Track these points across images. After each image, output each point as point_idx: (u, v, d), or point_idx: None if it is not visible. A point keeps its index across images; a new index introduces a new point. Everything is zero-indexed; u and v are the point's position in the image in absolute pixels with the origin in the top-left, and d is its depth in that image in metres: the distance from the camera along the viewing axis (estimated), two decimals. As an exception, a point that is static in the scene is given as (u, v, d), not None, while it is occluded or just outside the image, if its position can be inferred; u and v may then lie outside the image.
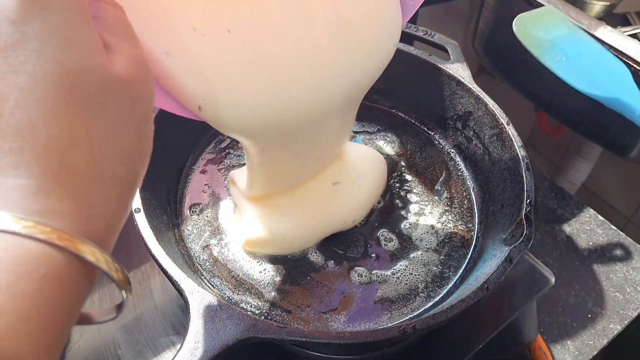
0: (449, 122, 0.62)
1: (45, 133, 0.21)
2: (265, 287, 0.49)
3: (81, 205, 0.22)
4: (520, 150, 0.51)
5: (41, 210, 0.20)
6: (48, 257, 0.20)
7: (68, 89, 0.22)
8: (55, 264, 0.20)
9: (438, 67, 0.59)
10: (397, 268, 0.51)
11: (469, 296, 0.41)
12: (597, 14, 0.82)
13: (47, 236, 0.20)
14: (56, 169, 0.21)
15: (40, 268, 0.20)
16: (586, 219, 0.72)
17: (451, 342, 0.53)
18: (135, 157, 0.25)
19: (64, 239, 0.20)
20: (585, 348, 0.60)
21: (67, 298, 0.21)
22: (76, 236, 0.21)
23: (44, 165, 0.21)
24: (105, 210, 0.23)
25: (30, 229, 0.20)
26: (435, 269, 0.52)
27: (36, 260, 0.20)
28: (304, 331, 0.39)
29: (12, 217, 0.20)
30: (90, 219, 0.22)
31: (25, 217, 0.20)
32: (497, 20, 0.84)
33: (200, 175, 0.59)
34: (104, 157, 0.23)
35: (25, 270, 0.19)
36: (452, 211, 0.56)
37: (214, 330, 0.38)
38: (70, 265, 0.21)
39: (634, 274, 0.66)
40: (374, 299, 0.49)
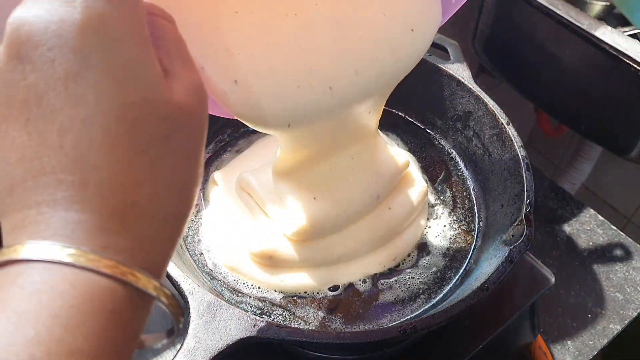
0: (449, 122, 0.62)
1: (109, 170, 0.20)
2: (265, 287, 0.49)
3: (142, 242, 0.21)
4: (520, 150, 0.51)
5: (104, 245, 0.20)
6: (113, 292, 0.20)
7: (131, 124, 0.21)
8: (119, 298, 0.20)
9: (438, 67, 0.59)
10: (397, 268, 0.51)
11: (469, 296, 0.41)
12: (597, 14, 0.82)
13: (112, 271, 0.20)
14: (120, 207, 0.21)
15: (106, 304, 0.19)
16: (586, 219, 0.72)
17: (451, 342, 0.53)
18: (193, 189, 0.24)
19: (128, 273, 0.20)
20: (585, 348, 0.60)
21: (130, 332, 0.21)
22: (139, 271, 0.21)
23: (107, 203, 0.20)
24: (164, 246, 0.23)
25: (94, 263, 0.19)
26: (436, 270, 0.52)
27: (103, 296, 0.19)
28: (304, 331, 0.39)
29: (77, 250, 0.19)
30: (150, 253, 0.22)
31: (90, 250, 0.19)
32: (497, 20, 0.84)
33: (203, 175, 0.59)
34: (168, 195, 0.22)
35: (93, 308, 0.19)
36: (452, 211, 0.56)
37: (214, 330, 0.38)
38: (132, 299, 0.21)
39: (634, 274, 0.66)
40: (374, 300, 0.49)
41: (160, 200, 0.22)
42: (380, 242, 0.52)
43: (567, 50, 0.74)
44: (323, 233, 0.49)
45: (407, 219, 0.53)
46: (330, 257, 0.50)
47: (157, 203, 0.22)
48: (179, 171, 0.23)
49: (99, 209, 0.20)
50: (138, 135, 0.21)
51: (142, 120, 0.21)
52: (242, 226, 0.52)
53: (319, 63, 0.37)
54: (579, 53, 0.73)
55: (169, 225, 0.23)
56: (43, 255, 0.19)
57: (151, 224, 0.22)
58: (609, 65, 0.69)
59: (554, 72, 0.79)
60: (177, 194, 0.23)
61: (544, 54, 0.78)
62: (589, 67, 0.73)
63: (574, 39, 0.71)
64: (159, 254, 0.22)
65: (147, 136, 0.21)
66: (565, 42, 0.74)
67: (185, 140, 0.23)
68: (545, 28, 0.76)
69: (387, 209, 0.53)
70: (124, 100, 0.21)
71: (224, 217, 0.53)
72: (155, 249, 0.22)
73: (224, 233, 0.53)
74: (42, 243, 0.19)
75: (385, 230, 0.52)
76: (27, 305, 0.18)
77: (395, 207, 0.53)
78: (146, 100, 0.21)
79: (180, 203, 0.23)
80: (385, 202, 0.53)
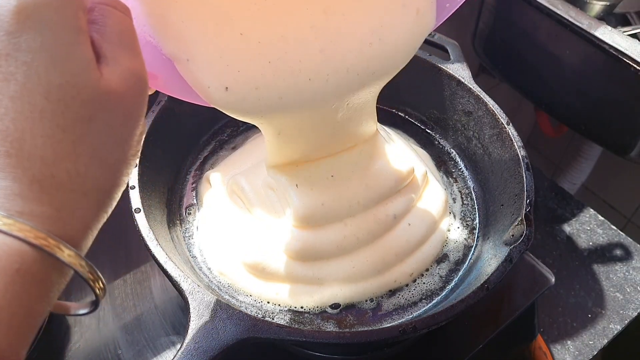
0: (449, 122, 0.62)
1: (31, 143, 0.22)
2: (259, 298, 0.49)
3: (61, 212, 0.23)
4: (520, 150, 0.51)
5: (22, 212, 0.22)
6: (23, 253, 0.21)
7: (56, 103, 0.23)
8: (29, 260, 0.21)
9: (438, 67, 0.59)
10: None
11: (469, 296, 0.41)
12: (597, 14, 0.82)
13: (24, 234, 0.21)
14: (39, 178, 0.22)
15: (13, 264, 0.21)
16: (586, 219, 0.72)
17: (451, 342, 0.53)
18: (120, 168, 0.26)
19: (40, 237, 0.22)
20: (585, 348, 0.60)
21: (38, 292, 0.22)
22: (52, 236, 0.22)
23: (27, 172, 0.22)
24: (84, 217, 0.24)
25: (8, 227, 0.21)
26: (437, 270, 0.52)
27: (11, 257, 0.21)
28: (304, 331, 0.39)
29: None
30: (69, 223, 0.23)
31: (6, 215, 0.21)
32: (497, 20, 0.84)
33: (199, 176, 0.59)
34: (88, 171, 0.24)
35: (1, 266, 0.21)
36: (453, 211, 0.56)
37: (214, 330, 0.38)
38: (44, 262, 0.22)
39: (634, 274, 0.66)
40: (378, 311, 0.49)
41: (80, 175, 0.24)
42: (397, 260, 0.51)
43: (567, 50, 0.74)
44: (314, 223, 0.49)
45: (426, 234, 0.52)
46: (333, 277, 0.49)
47: (76, 178, 0.23)
48: (102, 150, 0.25)
49: (19, 178, 0.22)
50: (61, 114, 0.23)
51: (66, 102, 0.23)
52: (236, 232, 0.51)
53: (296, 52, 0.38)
54: (579, 53, 0.73)
55: (90, 199, 0.24)
56: None
57: (70, 196, 0.23)
58: (609, 65, 0.69)
59: (554, 72, 0.79)
60: (100, 171, 0.25)
61: (544, 54, 0.78)
62: (589, 67, 0.73)
63: (574, 39, 0.71)
64: (78, 225, 0.24)
65: (71, 116, 0.23)
66: (565, 42, 0.74)
67: (111, 123, 0.25)
68: (545, 28, 0.76)
69: (407, 225, 0.52)
70: (50, 81, 0.23)
71: (218, 220, 0.53)
72: (74, 220, 0.24)
73: (218, 239, 0.52)
74: None
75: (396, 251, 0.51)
76: None
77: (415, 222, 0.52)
78: (71, 83, 0.23)
79: (103, 180, 0.25)
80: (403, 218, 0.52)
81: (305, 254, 0.49)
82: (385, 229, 0.51)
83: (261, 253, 0.49)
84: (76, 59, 0.23)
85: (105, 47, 0.25)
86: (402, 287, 0.50)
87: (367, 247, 0.50)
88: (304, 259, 0.49)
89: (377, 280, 0.50)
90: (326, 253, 0.49)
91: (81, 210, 0.24)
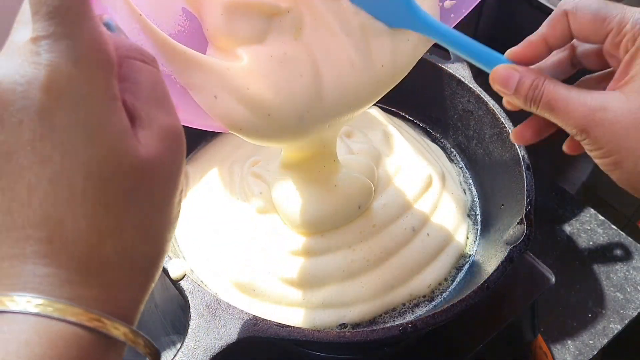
0: (449, 122, 0.62)
1: (73, 226, 0.21)
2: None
3: (110, 291, 0.22)
4: (520, 150, 0.51)
5: (71, 297, 0.21)
6: (79, 338, 0.21)
7: (96, 181, 0.22)
8: (86, 345, 0.21)
9: (438, 67, 0.59)
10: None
11: (469, 296, 0.41)
12: (597, 13, 0.81)
13: (78, 318, 0.21)
14: (85, 260, 0.21)
15: (71, 350, 0.20)
16: (586, 219, 0.72)
17: (451, 342, 0.53)
18: (164, 234, 0.25)
19: (94, 319, 0.21)
20: (585, 348, 0.60)
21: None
22: (105, 316, 0.21)
23: (72, 257, 0.21)
24: (134, 291, 0.24)
25: (61, 312, 0.20)
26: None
27: (68, 343, 0.20)
28: (304, 331, 0.39)
29: (44, 300, 0.20)
30: (119, 300, 0.23)
31: (56, 300, 0.20)
32: (497, 20, 0.84)
33: (200, 175, 0.59)
34: (134, 245, 0.23)
35: (58, 355, 0.20)
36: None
37: (214, 329, 0.38)
38: (100, 343, 0.21)
39: (634, 274, 0.66)
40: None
41: (126, 250, 0.23)
42: (413, 273, 0.50)
43: (568, 50, 0.74)
44: (321, 227, 0.49)
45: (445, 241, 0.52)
46: (338, 301, 0.48)
47: (123, 254, 0.22)
48: (146, 221, 0.23)
49: (65, 264, 0.21)
50: (103, 191, 0.22)
51: (106, 178, 0.22)
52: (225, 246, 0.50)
53: None
54: (579, 53, 0.73)
55: (138, 273, 0.24)
56: (12, 307, 0.20)
57: (118, 274, 0.22)
58: (609, 65, 0.69)
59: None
60: (145, 242, 0.24)
61: (544, 53, 0.78)
62: (589, 67, 0.73)
63: (574, 38, 0.71)
64: (129, 300, 0.23)
65: (112, 191, 0.22)
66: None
67: (152, 191, 0.23)
68: (545, 28, 0.76)
69: (426, 236, 0.51)
70: (89, 158, 0.21)
71: (202, 221, 0.52)
72: (124, 296, 0.23)
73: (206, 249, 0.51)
74: (11, 295, 0.20)
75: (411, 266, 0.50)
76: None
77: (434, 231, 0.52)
78: (110, 157, 0.22)
79: (149, 250, 0.24)
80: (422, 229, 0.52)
81: (304, 283, 0.47)
82: (402, 244, 0.50)
83: (249, 272, 0.48)
84: (113, 131, 0.22)
85: (139, 108, 0.24)
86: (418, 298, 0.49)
87: (379, 266, 0.49)
88: (304, 288, 0.48)
89: (391, 296, 0.48)
90: (328, 280, 0.48)
91: (130, 285, 0.23)
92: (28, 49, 0.21)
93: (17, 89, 0.21)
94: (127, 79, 0.24)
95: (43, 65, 0.21)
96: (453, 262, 0.51)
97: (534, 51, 0.35)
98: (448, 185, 0.56)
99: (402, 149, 0.58)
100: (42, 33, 0.21)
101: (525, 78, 0.34)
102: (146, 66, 0.25)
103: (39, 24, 0.21)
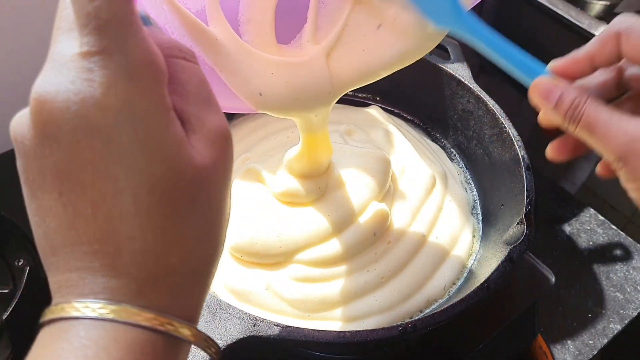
0: (449, 122, 0.62)
1: (141, 240, 0.22)
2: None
3: (177, 295, 0.23)
4: (520, 150, 0.51)
5: (143, 305, 0.22)
6: (153, 342, 0.21)
7: (160, 195, 0.22)
8: (159, 348, 0.22)
9: (438, 67, 0.59)
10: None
11: (469, 296, 0.41)
12: (597, 13, 0.81)
13: (152, 322, 0.21)
14: (153, 271, 0.22)
15: (147, 355, 0.21)
16: (586, 219, 0.72)
17: (451, 342, 0.53)
18: (220, 236, 0.25)
19: (166, 323, 0.22)
20: (585, 348, 0.60)
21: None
22: (176, 320, 0.22)
23: (141, 269, 0.22)
24: (197, 293, 0.24)
25: (135, 317, 0.21)
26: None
27: (144, 348, 0.21)
28: (304, 331, 0.39)
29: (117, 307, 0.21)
30: (185, 303, 0.23)
31: (130, 306, 0.21)
32: (497, 20, 0.84)
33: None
34: (196, 250, 0.23)
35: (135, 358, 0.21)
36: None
37: (213, 330, 0.38)
38: (171, 346, 0.22)
39: (634, 274, 0.66)
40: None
41: (189, 256, 0.23)
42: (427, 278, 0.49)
43: (567, 50, 0.74)
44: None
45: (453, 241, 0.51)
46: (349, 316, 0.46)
47: (187, 260, 0.23)
48: (205, 226, 0.24)
49: (134, 276, 0.22)
50: (167, 204, 0.22)
51: (169, 191, 0.22)
52: None
53: None
54: (579, 53, 0.73)
55: (200, 275, 0.24)
56: (88, 313, 0.21)
57: (184, 279, 0.23)
58: (609, 65, 0.69)
59: (554, 72, 0.79)
60: (206, 246, 0.24)
61: (544, 54, 0.78)
62: (589, 67, 0.73)
63: (574, 38, 0.71)
64: (193, 302, 0.24)
65: (175, 203, 0.22)
66: (565, 42, 0.74)
67: (210, 196, 0.24)
68: (545, 28, 0.76)
69: (435, 239, 0.51)
70: (151, 174, 0.22)
71: None
72: (190, 299, 0.24)
73: None
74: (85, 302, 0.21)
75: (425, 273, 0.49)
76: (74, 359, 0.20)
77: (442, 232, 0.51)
78: (171, 169, 0.22)
79: (209, 253, 0.25)
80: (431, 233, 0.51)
81: (309, 308, 0.46)
82: (415, 252, 0.50)
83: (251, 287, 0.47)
84: (171, 143, 0.22)
85: (189, 112, 0.23)
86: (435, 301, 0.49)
87: (393, 279, 0.48)
88: (310, 311, 0.46)
89: (408, 305, 0.47)
90: (337, 304, 0.46)
91: (194, 288, 0.24)
92: (79, 65, 0.21)
93: (70, 107, 0.21)
94: (172, 81, 0.24)
95: (98, 83, 0.21)
96: (463, 261, 0.51)
97: (578, 67, 0.34)
98: (450, 185, 0.56)
99: (404, 148, 0.57)
100: (93, 49, 0.21)
101: (567, 95, 0.32)
102: (189, 64, 0.25)
103: (89, 37, 0.21)
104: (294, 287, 0.46)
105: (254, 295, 0.47)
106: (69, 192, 0.21)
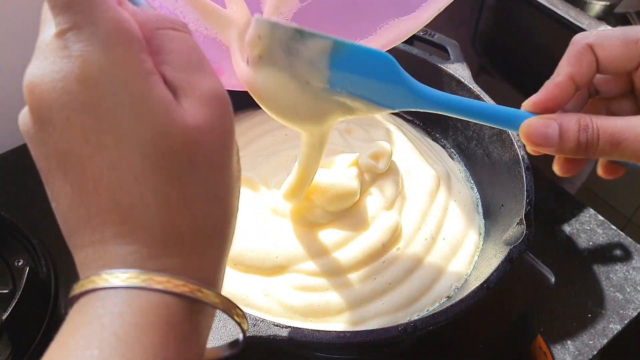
0: (448, 122, 0.62)
1: (143, 206, 0.22)
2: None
3: (190, 258, 0.23)
4: (520, 150, 0.51)
5: (156, 268, 0.22)
6: (168, 306, 0.21)
7: (153, 159, 0.22)
8: (174, 311, 0.22)
9: (438, 67, 0.59)
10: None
11: (469, 296, 0.41)
12: (597, 14, 0.82)
13: (164, 285, 0.21)
14: (161, 236, 0.22)
15: (161, 317, 0.21)
16: (586, 219, 0.72)
17: (451, 342, 0.53)
18: (229, 196, 0.25)
19: (179, 285, 0.22)
20: (585, 348, 0.60)
21: (191, 343, 0.22)
22: (190, 281, 0.22)
23: (148, 233, 0.22)
24: (212, 256, 0.24)
25: (147, 282, 0.21)
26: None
27: (158, 311, 0.21)
28: (304, 331, 0.39)
29: (130, 274, 0.21)
30: (200, 266, 0.23)
31: (142, 272, 0.21)
32: (497, 20, 0.84)
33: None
34: (203, 212, 0.23)
35: (150, 322, 0.21)
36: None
37: (213, 329, 0.38)
38: (188, 309, 0.22)
39: (634, 274, 0.66)
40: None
41: (197, 217, 0.23)
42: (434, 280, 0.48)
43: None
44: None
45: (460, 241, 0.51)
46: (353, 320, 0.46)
47: (195, 221, 0.23)
48: (210, 186, 0.24)
49: (143, 240, 0.22)
50: (163, 168, 0.22)
51: (162, 153, 0.22)
52: None
53: None
54: (579, 53, 0.73)
55: (213, 237, 0.24)
56: (102, 284, 0.21)
57: (195, 241, 0.23)
58: (609, 65, 0.69)
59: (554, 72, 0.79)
60: (214, 206, 0.24)
61: (544, 54, 0.78)
62: (589, 67, 0.73)
63: (574, 39, 0.71)
64: (209, 265, 0.24)
65: (172, 166, 0.22)
66: (565, 42, 0.73)
67: (209, 156, 0.24)
68: (545, 28, 0.76)
69: (442, 240, 0.50)
70: (141, 139, 0.22)
71: None
72: (204, 262, 0.24)
73: None
74: (101, 274, 0.21)
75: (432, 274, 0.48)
76: (92, 328, 0.20)
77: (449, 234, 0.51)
78: (160, 132, 0.22)
79: (219, 213, 0.24)
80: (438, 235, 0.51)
81: (311, 314, 0.45)
82: (422, 255, 0.49)
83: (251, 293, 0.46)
84: (157, 106, 0.22)
85: (178, 77, 0.24)
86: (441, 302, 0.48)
87: (401, 284, 0.47)
88: (312, 318, 0.46)
89: (415, 307, 0.47)
90: (342, 311, 0.46)
91: (208, 250, 0.24)
92: (56, 45, 0.22)
93: (56, 86, 0.21)
94: (161, 51, 0.24)
95: (74, 57, 0.21)
96: (469, 259, 0.51)
97: (562, 94, 0.32)
98: (454, 184, 0.56)
99: (406, 148, 0.57)
100: (64, 26, 0.22)
101: (568, 122, 0.29)
102: (178, 33, 0.25)
103: (60, 17, 0.22)
104: (294, 295, 0.46)
105: (251, 300, 0.46)
106: (72, 171, 0.22)
